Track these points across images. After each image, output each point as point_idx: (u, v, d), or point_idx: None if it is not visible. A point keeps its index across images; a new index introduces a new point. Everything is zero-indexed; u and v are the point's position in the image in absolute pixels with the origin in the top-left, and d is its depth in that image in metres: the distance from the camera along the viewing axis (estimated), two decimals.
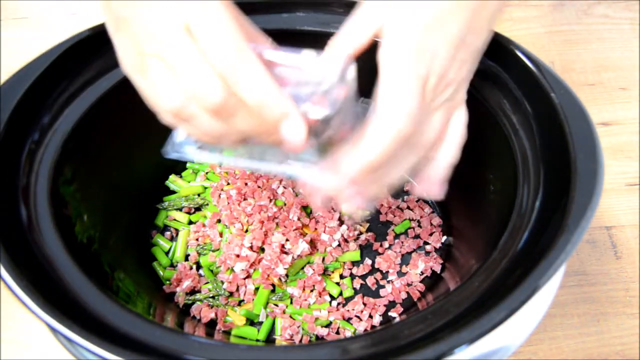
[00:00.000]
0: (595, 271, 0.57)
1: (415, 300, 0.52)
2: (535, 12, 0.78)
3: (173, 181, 0.59)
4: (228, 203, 0.56)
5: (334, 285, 0.53)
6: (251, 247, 0.52)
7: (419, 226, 0.57)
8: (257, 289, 0.52)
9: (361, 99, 0.36)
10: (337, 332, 0.50)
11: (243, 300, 0.52)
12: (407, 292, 0.53)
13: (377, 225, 0.58)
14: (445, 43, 0.32)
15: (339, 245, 0.55)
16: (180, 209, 0.58)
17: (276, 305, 0.51)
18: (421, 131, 0.35)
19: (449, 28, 0.32)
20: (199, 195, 0.58)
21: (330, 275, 0.54)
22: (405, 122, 0.32)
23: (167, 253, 0.55)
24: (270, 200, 0.55)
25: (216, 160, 0.39)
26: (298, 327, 0.49)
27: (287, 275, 0.52)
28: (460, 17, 0.32)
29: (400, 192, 0.59)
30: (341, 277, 0.54)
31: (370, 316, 0.51)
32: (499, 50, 0.42)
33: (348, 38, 0.35)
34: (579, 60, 0.73)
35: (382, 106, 0.32)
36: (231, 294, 0.52)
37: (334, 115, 0.32)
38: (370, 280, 0.53)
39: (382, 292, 0.53)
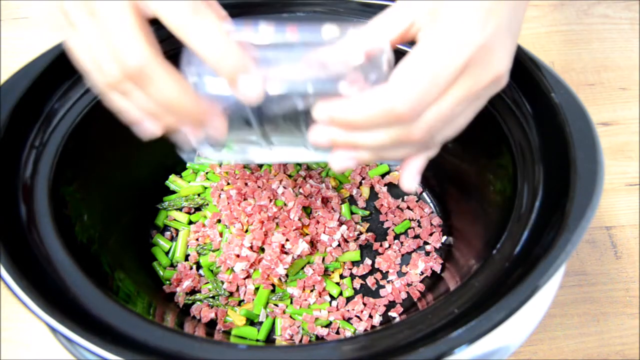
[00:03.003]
0: (595, 271, 0.57)
1: (415, 300, 0.52)
2: (535, 12, 0.78)
3: (173, 181, 0.59)
4: (228, 203, 0.56)
5: (334, 285, 0.53)
6: (251, 247, 0.52)
7: (419, 226, 0.57)
8: (257, 289, 0.52)
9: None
10: (337, 332, 0.50)
11: (243, 300, 0.52)
12: (407, 292, 0.53)
13: (377, 225, 0.58)
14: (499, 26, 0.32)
15: (339, 245, 0.55)
16: (180, 209, 0.58)
17: (276, 305, 0.51)
18: (468, 108, 0.33)
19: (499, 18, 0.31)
20: (199, 195, 0.58)
21: (330, 275, 0.54)
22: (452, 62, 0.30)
23: (167, 253, 0.55)
24: (270, 200, 0.54)
25: (233, 158, 0.38)
26: (298, 327, 0.49)
27: (287, 275, 0.52)
28: (505, 10, 0.32)
29: (400, 192, 0.59)
30: (341, 277, 0.54)
31: (370, 316, 0.51)
32: None
33: (387, 26, 0.34)
34: (579, 60, 0.73)
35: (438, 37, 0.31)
36: (231, 294, 0.52)
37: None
38: (370, 280, 0.53)
39: (382, 292, 0.53)
